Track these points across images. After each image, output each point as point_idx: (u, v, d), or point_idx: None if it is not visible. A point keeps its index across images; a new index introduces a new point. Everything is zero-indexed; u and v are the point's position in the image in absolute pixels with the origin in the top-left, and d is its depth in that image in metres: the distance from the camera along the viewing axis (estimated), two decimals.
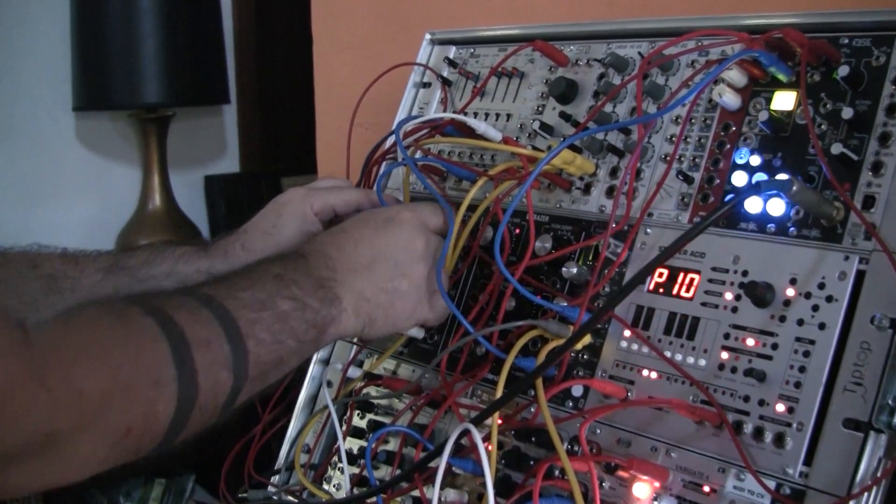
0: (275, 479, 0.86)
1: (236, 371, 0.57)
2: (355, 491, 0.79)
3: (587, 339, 0.70)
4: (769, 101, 0.67)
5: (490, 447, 0.64)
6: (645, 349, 0.66)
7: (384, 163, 0.88)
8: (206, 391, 0.55)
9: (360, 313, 0.67)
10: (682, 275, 0.67)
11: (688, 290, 0.66)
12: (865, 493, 0.54)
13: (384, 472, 0.79)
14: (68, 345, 0.49)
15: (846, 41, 0.65)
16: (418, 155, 0.87)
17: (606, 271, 0.70)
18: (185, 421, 0.54)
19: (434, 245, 0.71)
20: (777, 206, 0.64)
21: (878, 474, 0.54)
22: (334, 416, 0.81)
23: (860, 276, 0.59)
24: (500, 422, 0.69)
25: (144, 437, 0.52)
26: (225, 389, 0.57)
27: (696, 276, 0.66)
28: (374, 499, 0.71)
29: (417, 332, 0.81)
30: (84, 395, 0.48)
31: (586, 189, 0.75)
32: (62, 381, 0.47)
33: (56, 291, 0.69)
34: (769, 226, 0.64)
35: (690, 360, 0.64)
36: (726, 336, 0.63)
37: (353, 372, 0.86)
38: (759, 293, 0.62)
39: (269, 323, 0.61)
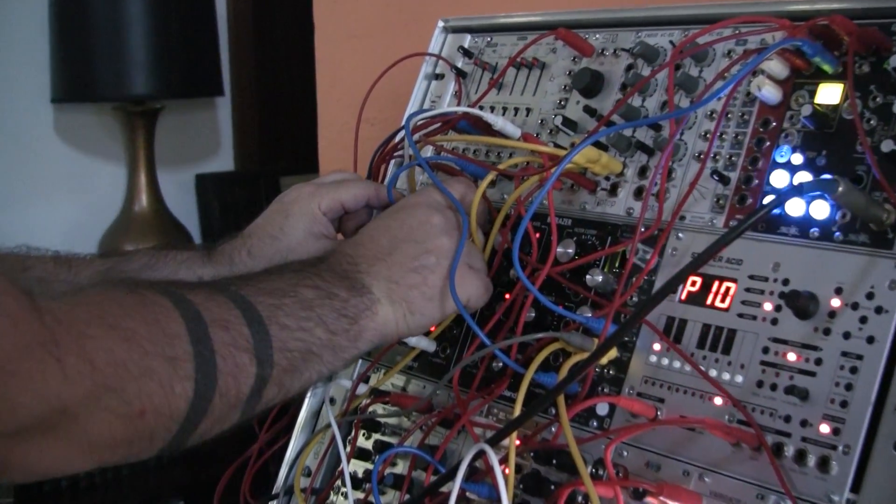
0: None
1: (259, 356, 0.59)
2: None
3: (613, 354, 0.71)
4: (813, 94, 0.68)
5: (507, 470, 0.65)
6: (676, 364, 0.67)
7: (392, 161, 0.90)
8: (226, 375, 0.56)
9: (395, 299, 0.68)
10: (716, 283, 0.68)
11: (723, 301, 0.67)
12: None
13: (391, 498, 0.80)
14: (79, 313, 0.50)
15: None
16: (429, 152, 0.89)
17: (634, 279, 0.71)
18: (204, 408, 0.55)
19: (454, 220, 0.73)
20: (821, 209, 0.65)
21: None
22: (338, 437, 0.82)
23: None
24: (518, 442, 0.70)
25: (160, 420, 0.53)
26: (248, 376, 0.58)
27: (733, 285, 0.67)
28: None
29: (428, 345, 0.82)
30: (96, 365, 0.49)
31: (612, 190, 0.77)
32: (73, 350, 0.48)
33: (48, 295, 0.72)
34: (812, 230, 0.65)
35: (726, 376, 0.65)
36: (765, 350, 0.64)
37: (359, 388, 0.87)
38: (801, 304, 0.63)
39: (292, 309, 0.62)
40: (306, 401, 0.91)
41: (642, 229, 0.71)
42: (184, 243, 1.11)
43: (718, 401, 0.65)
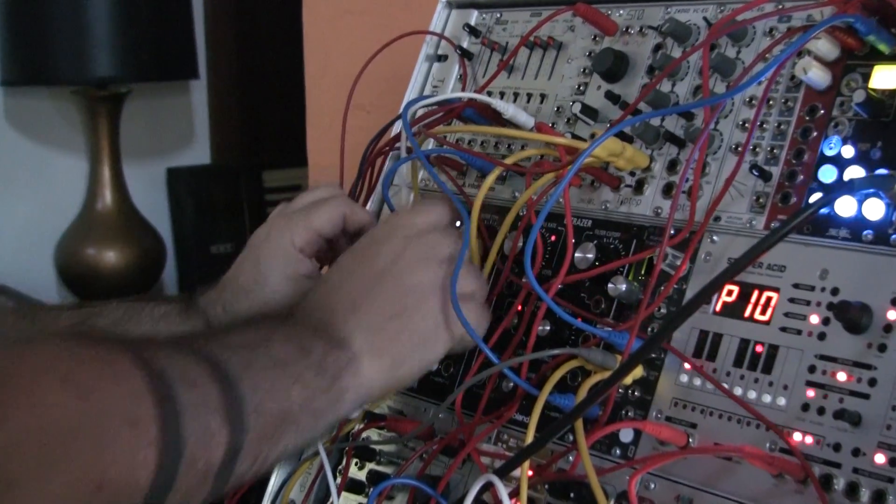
0: None
1: (231, 419, 0.59)
2: None
3: (638, 372, 0.71)
4: (867, 77, 0.68)
5: None
6: (710, 384, 0.68)
7: (390, 155, 0.90)
8: (195, 441, 0.56)
9: (379, 352, 0.68)
10: (756, 293, 0.68)
11: (763, 312, 0.67)
12: None
13: None
14: (28, 366, 0.50)
15: None
16: (430, 145, 0.89)
17: (663, 288, 0.71)
18: (170, 481, 0.55)
19: (433, 242, 0.73)
20: (875, 209, 0.65)
21: None
22: (326, 466, 0.82)
23: None
24: (530, 473, 0.70)
25: (119, 496, 0.52)
26: (219, 443, 0.58)
27: (774, 295, 0.67)
28: None
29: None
30: (46, 427, 0.49)
31: (638, 187, 0.77)
32: (20, 408, 0.48)
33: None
34: (865, 233, 0.65)
35: (767, 398, 0.66)
36: (811, 369, 0.64)
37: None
38: (852, 316, 0.63)
39: (264, 365, 0.63)
40: None
41: (672, 232, 0.71)
42: (161, 295, 1.11)
43: (758, 426, 0.65)
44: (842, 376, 0.63)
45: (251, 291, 0.79)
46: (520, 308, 0.78)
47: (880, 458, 0.61)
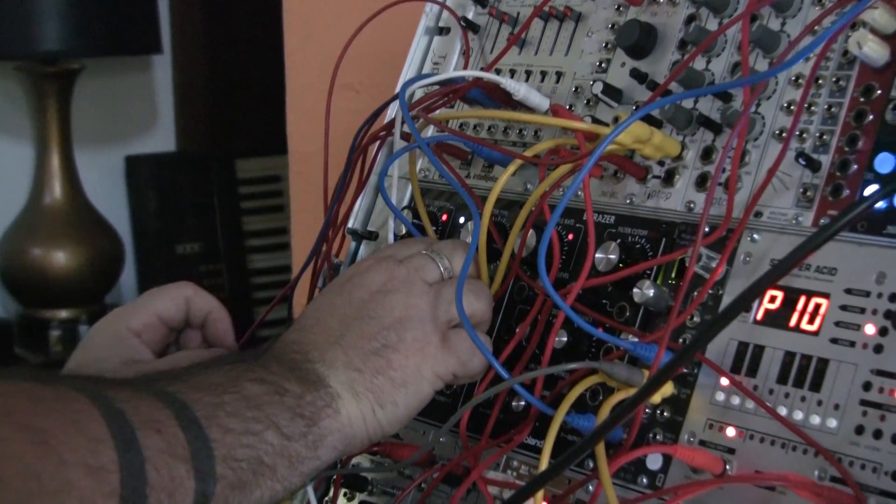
0: None
1: (199, 467, 0.60)
2: None
3: (668, 389, 0.71)
4: None
5: None
6: (751, 403, 0.68)
7: (386, 142, 0.91)
8: (159, 491, 0.57)
9: (359, 391, 0.70)
10: (802, 299, 0.68)
11: (811, 321, 0.68)
12: None
13: None
14: None
15: None
16: (431, 131, 0.90)
17: (696, 293, 0.72)
18: None
19: (419, 266, 0.75)
20: None
21: None
22: (312, 498, 0.83)
23: None
24: None
25: None
26: (186, 493, 0.59)
27: (824, 302, 0.68)
28: None
29: None
30: (1, 477, 0.50)
31: (668, 178, 0.78)
32: None
33: None
34: None
35: (815, 419, 0.66)
36: (867, 386, 0.65)
37: None
38: None
39: (235, 408, 0.64)
40: None
41: (706, 229, 0.71)
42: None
43: (806, 451, 0.66)
44: None
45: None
46: (533, 317, 0.78)
47: None
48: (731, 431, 0.69)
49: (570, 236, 0.81)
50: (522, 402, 0.78)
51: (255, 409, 0.65)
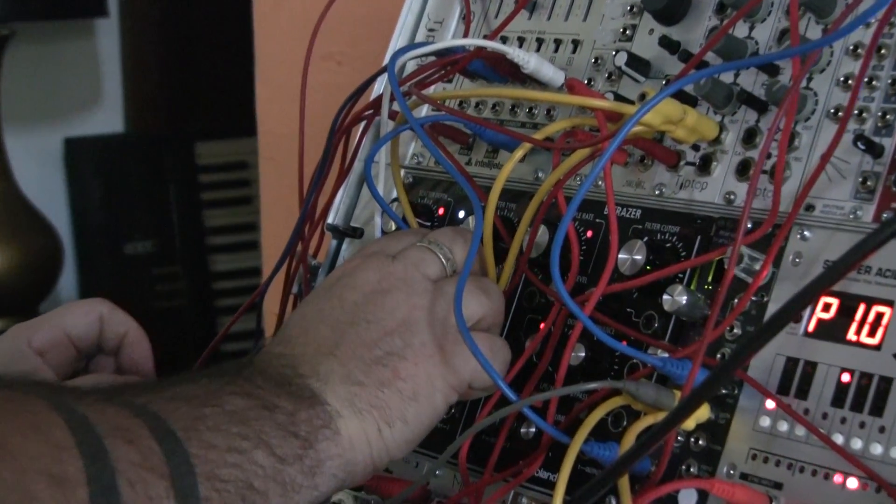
0: None
1: (180, 486, 0.60)
2: None
3: (704, 414, 0.71)
4: None
5: None
6: (801, 430, 0.69)
7: (371, 124, 0.91)
8: None
9: (363, 409, 0.70)
10: (862, 307, 0.68)
11: (872, 334, 0.68)
12: None
13: None
14: None
15: None
16: (425, 111, 0.89)
17: (737, 301, 0.72)
18: None
19: (418, 260, 0.75)
20: None
21: None
22: None
23: None
24: None
25: None
26: None
27: (887, 311, 0.68)
28: None
29: None
30: None
31: (704, 165, 0.78)
32: None
33: None
34: None
35: (877, 448, 0.66)
36: None
37: None
38: None
39: (218, 422, 0.64)
40: None
41: (749, 225, 0.72)
42: None
43: (866, 486, 0.66)
44: None
45: None
46: (545, 328, 0.79)
47: None
48: (777, 463, 0.69)
49: (589, 233, 0.81)
50: (533, 429, 0.78)
51: (240, 425, 0.65)
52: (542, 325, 0.80)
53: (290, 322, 0.76)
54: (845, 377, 0.68)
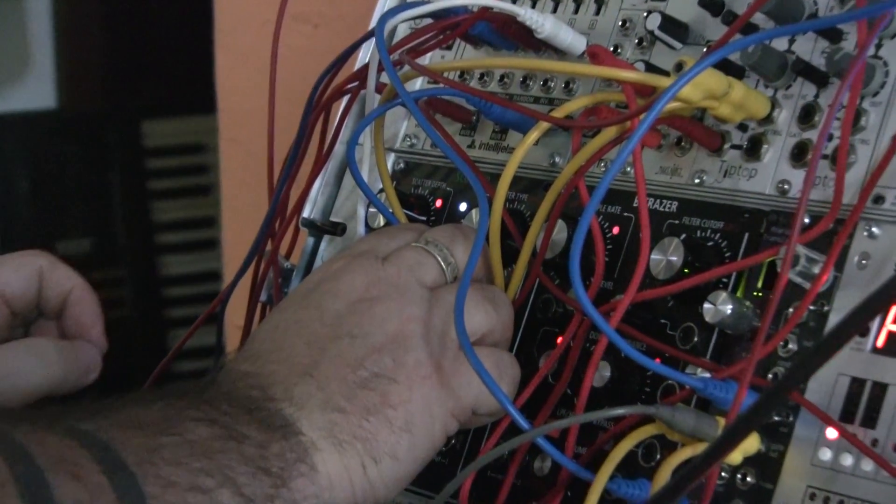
0: None
1: None
2: None
3: (753, 445, 0.72)
4: None
5: None
6: (868, 465, 0.69)
7: (355, 100, 0.91)
8: None
9: (345, 442, 0.71)
10: None
11: None
12: None
13: None
14: None
15: None
16: (420, 83, 0.90)
17: (792, 310, 0.72)
18: None
19: (412, 263, 0.76)
20: None
21: None
22: None
23: None
24: None
25: None
26: None
27: None
28: None
29: None
30: None
31: (752, 149, 0.78)
32: None
33: None
34: None
35: None
36: None
37: None
38: None
39: (176, 455, 0.64)
40: None
41: (806, 220, 0.72)
42: None
43: None
44: None
45: None
46: (564, 343, 0.79)
47: None
48: (840, 502, 0.69)
49: (616, 230, 0.82)
50: (549, 463, 0.78)
51: (203, 458, 0.65)
52: (559, 340, 0.80)
53: (259, 334, 0.76)
54: None
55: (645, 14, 0.84)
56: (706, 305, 0.73)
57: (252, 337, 0.76)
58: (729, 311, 0.73)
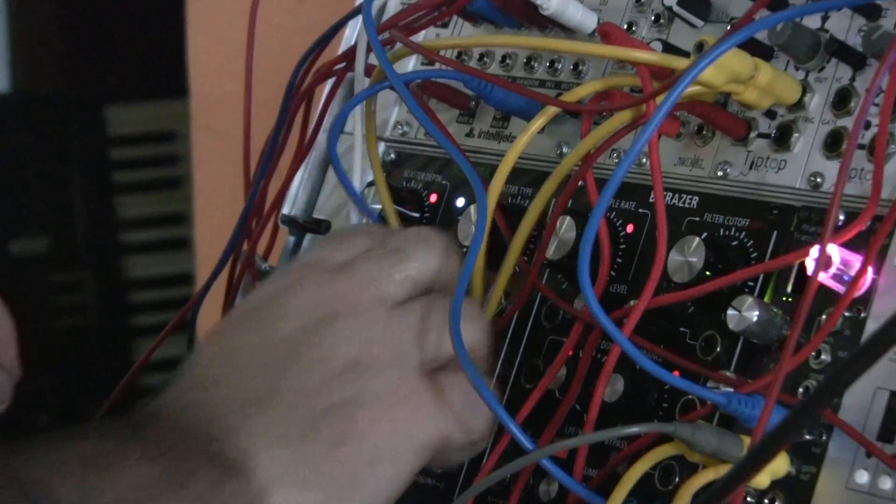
0: None
1: None
2: None
3: (782, 468, 0.72)
4: None
5: None
6: None
7: (341, 83, 0.91)
8: None
9: (307, 480, 0.71)
10: None
11: None
12: None
13: None
14: None
15: None
16: (412, 64, 0.90)
17: (825, 317, 0.72)
18: None
19: (373, 275, 0.75)
20: None
21: None
22: None
23: None
24: None
25: None
26: None
27: None
28: None
29: None
30: None
31: (782, 138, 0.78)
32: None
33: None
34: None
35: None
36: None
37: None
38: None
39: (114, 499, 0.65)
40: None
41: (841, 217, 0.72)
42: None
43: None
44: None
45: None
46: (571, 354, 0.79)
47: None
48: None
49: (630, 228, 0.82)
50: (556, 487, 0.78)
51: (147, 502, 0.65)
52: (565, 347, 0.80)
53: (203, 358, 0.76)
54: None
55: None
56: (730, 312, 0.73)
57: (195, 361, 0.76)
58: (755, 318, 0.73)
